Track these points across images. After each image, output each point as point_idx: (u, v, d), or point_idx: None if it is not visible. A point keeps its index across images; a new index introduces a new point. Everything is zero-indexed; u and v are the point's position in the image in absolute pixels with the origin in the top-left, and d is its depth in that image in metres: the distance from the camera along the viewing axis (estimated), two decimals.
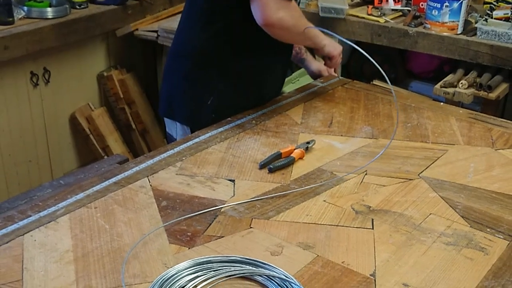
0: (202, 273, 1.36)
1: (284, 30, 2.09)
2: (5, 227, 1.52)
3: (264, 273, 1.37)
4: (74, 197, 1.66)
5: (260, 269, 1.39)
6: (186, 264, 1.38)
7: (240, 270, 1.38)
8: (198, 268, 1.38)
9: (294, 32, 2.14)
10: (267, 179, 1.80)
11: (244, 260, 1.41)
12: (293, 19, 2.08)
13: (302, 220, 1.61)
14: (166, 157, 1.89)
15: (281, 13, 2.01)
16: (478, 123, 2.21)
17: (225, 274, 1.37)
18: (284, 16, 2.02)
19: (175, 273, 1.35)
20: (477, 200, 1.73)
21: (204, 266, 1.39)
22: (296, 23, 2.10)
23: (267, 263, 1.40)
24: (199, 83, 2.26)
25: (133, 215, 1.60)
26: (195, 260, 1.40)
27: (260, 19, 2.02)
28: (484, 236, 1.57)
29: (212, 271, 1.37)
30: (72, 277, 1.36)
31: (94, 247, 1.47)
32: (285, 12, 2.03)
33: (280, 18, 2.02)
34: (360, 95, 2.42)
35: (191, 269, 1.37)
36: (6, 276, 1.35)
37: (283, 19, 2.03)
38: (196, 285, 1.33)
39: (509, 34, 3.11)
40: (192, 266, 1.38)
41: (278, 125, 2.13)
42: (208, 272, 1.37)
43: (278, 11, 2.00)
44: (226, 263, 1.40)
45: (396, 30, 3.38)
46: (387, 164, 1.90)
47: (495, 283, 1.40)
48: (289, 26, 2.07)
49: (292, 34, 2.15)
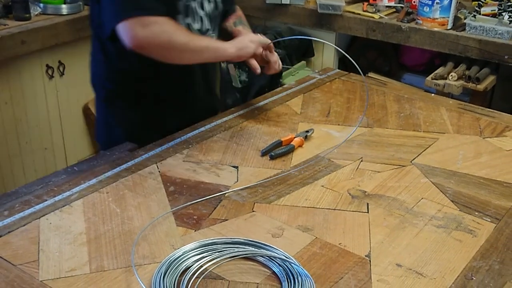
0: (208, 254, 1.36)
1: (159, 49, 1.78)
2: (22, 211, 1.51)
3: (266, 254, 1.37)
4: (87, 182, 1.65)
5: (262, 250, 1.38)
6: (192, 246, 1.38)
7: (243, 251, 1.38)
8: (204, 249, 1.38)
9: (176, 49, 1.79)
10: (269, 166, 1.80)
11: (247, 242, 1.41)
12: (166, 34, 1.75)
13: (302, 204, 1.61)
14: (173, 145, 1.88)
15: (147, 31, 1.72)
16: (467, 113, 2.20)
17: (229, 255, 1.37)
18: (151, 33, 1.73)
19: (182, 254, 1.35)
20: (466, 185, 1.72)
21: (210, 248, 1.38)
22: (171, 38, 1.76)
23: (269, 244, 1.39)
24: (109, 112, 2.09)
25: (142, 199, 1.59)
26: (201, 242, 1.39)
27: (127, 43, 1.73)
28: (472, 219, 1.57)
29: (217, 252, 1.37)
30: (85, 258, 1.36)
31: (106, 229, 1.46)
32: (154, 28, 1.73)
33: (147, 37, 1.73)
34: (356, 87, 2.41)
35: (197, 250, 1.37)
36: (23, 257, 1.35)
37: (151, 37, 1.74)
38: (202, 265, 1.33)
39: (496, 29, 3.11)
40: (198, 247, 1.38)
41: (279, 115, 2.12)
42: (213, 253, 1.36)
43: (143, 30, 1.72)
44: (230, 245, 1.40)
45: (389, 25, 3.38)
46: (382, 152, 1.89)
47: (482, 263, 1.40)
48: (162, 43, 1.76)
49: (173, 51, 1.80)
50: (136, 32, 1.71)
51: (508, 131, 2.06)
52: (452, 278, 1.35)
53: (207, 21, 1.99)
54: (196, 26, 1.95)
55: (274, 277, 1.32)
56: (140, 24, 1.71)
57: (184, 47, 1.79)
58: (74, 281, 1.29)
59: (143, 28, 1.71)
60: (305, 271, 1.30)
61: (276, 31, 3.63)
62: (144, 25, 1.71)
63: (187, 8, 1.91)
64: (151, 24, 1.72)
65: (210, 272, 1.32)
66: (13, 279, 1.28)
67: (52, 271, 1.31)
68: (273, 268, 1.34)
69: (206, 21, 1.99)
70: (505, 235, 1.51)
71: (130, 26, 1.71)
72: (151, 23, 1.72)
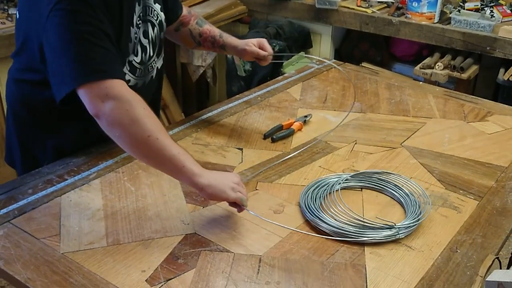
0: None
1: (115, 128, 1.33)
2: (45, 189, 1.50)
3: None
4: (105, 163, 1.64)
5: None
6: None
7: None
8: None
9: (132, 138, 1.33)
10: (271, 148, 1.78)
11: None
12: (123, 116, 1.31)
13: (301, 183, 1.59)
14: (183, 129, 1.87)
15: (107, 106, 1.31)
16: (452, 100, 2.18)
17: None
18: (109, 109, 1.31)
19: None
20: (451, 166, 1.71)
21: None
22: (130, 121, 1.31)
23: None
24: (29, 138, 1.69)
25: (155, 178, 1.58)
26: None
27: (90, 112, 1.34)
28: (457, 197, 1.56)
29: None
30: (102, 232, 1.35)
31: (121, 206, 1.45)
32: (113, 104, 1.31)
33: (109, 115, 1.31)
34: (350, 76, 2.39)
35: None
36: (46, 231, 1.34)
37: (107, 113, 1.31)
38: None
39: (478, 23, 3.10)
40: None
41: (280, 101, 2.11)
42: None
43: (104, 105, 1.31)
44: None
45: (381, 19, 3.37)
46: (374, 135, 1.88)
47: (466, 237, 1.39)
48: (117, 124, 1.32)
49: (129, 140, 1.33)
50: (96, 101, 1.32)
51: (490, 116, 2.04)
52: (438, 250, 1.34)
53: (150, 48, 1.66)
54: (137, 59, 1.60)
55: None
56: (100, 95, 1.32)
57: (141, 139, 1.32)
58: (93, 253, 1.28)
59: (101, 99, 1.32)
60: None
61: (277, 24, 3.62)
62: (103, 95, 1.32)
63: (134, 45, 1.58)
64: (111, 97, 1.32)
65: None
66: (37, 252, 1.28)
67: (72, 244, 1.31)
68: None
69: (150, 48, 1.65)
70: (487, 211, 1.50)
71: (90, 95, 1.33)
72: (111, 96, 1.32)
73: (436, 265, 1.30)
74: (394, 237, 1.36)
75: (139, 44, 1.61)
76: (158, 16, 1.68)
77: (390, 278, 1.25)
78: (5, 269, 1.22)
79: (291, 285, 1.22)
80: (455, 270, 1.28)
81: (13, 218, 1.39)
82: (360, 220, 1.40)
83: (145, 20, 1.63)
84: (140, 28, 1.60)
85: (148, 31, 1.64)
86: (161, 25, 1.71)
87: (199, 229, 1.38)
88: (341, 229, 1.37)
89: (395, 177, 1.59)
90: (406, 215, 1.44)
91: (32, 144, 1.68)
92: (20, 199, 1.46)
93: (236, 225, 1.40)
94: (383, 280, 1.25)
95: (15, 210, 1.41)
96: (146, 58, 1.65)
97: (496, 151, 1.80)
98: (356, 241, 1.35)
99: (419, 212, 1.43)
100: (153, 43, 1.68)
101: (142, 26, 1.61)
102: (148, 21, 1.64)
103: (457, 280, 1.25)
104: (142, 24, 1.61)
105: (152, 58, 1.69)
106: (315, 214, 1.41)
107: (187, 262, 1.27)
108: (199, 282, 1.21)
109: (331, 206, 1.45)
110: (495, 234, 1.41)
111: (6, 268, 1.23)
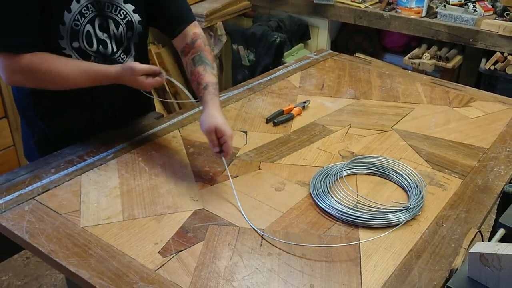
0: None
1: (35, 82, 1.46)
2: (66, 169, 1.49)
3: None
4: (121, 145, 1.62)
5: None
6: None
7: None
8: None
9: (48, 79, 1.43)
10: (272, 131, 1.76)
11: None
12: (37, 72, 1.41)
13: (300, 163, 1.57)
14: (193, 113, 1.85)
15: (18, 74, 1.41)
16: (438, 87, 2.15)
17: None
18: (23, 76, 1.42)
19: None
20: (437, 147, 1.69)
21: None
22: (41, 71, 1.41)
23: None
24: (27, 122, 1.71)
25: (167, 159, 1.56)
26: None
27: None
28: (443, 175, 1.54)
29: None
30: (119, 208, 1.34)
31: (136, 184, 1.44)
32: (22, 77, 1.43)
33: (18, 79, 1.43)
34: (345, 65, 2.36)
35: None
36: (67, 207, 1.33)
37: (23, 79, 1.43)
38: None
39: (462, 17, 3.08)
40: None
41: (281, 88, 2.08)
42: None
43: (14, 73, 1.41)
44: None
45: (373, 13, 3.35)
46: (367, 119, 1.85)
47: (451, 212, 1.38)
48: (36, 79, 1.44)
49: (47, 82, 1.44)
50: (8, 74, 1.42)
51: (473, 102, 2.02)
52: (426, 225, 1.33)
53: (113, 44, 1.57)
54: (91, 49, 1.53)
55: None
56: (10, 65, 1.40)
57: (56, 76, 1.42)
58: (110, 227, 1.27)
59: (13, 70, 1.40)
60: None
61: (278, 18, 3.59)
62: (14, 67, 1.40)
63: (73, 32, 1.48)
64: (21, 66, 1.40)
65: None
66: (59, 226, 1.26)
67: (91, 219, 1.29)
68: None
69: (112, 44, 1.56)
70: (470, 188, 1.48)
71: (2, 64, 1.40)
72: (21, 64, 1.40)
73: (423, 238, 1.28)
74: (412, 217, 1.34)
75: (94, 37, 1.52)
76: (127, 16, 1.56)
77: (382, 250, 1.24)
78: (30, 241, 1.21)
79: (291, 256, 1.21)
80: (441, 243, 1.27)
81: (37, 195, 1.37)
82: (379, 207, 1.36)
83: (103, 15, 1.52)
84: (89, 19, 1.49)
85: (108, 27, 1.54)
86: (130, 25, 1.58)
87: (207, 205, 1.37)
88: (370, 217, 1.32)
89: (389, 161, 1.58)
90: (409, 196, 1.41)
91: (41, 135, 1.67)
92: (44, 177, 1.44)
93: (241, 202, 1.38)
94: (375, 252, 1.23)
95: (39, 188, 1.40)
96: (108, 52, 1.56)
97: (478, 134, 1.78)
98: (384, 226, 1.31)
99: (420, 194, 1.41)
100: (117, 40, 1.57)
101: (97, 19, 1.51)
102: (109, 17, 1.53)
103: (443, 252, 1.24)
104: (98, 17, 1.51)
105: (117, 54, 1.59)
106: (334, 207, 1.37)
107: (196, 235, 1.25)
108: (207, 254, 1.20)
109: (339, 191, 1.43)
110: (478, 209, 1.39)
111: (31, 240, 1.21)
